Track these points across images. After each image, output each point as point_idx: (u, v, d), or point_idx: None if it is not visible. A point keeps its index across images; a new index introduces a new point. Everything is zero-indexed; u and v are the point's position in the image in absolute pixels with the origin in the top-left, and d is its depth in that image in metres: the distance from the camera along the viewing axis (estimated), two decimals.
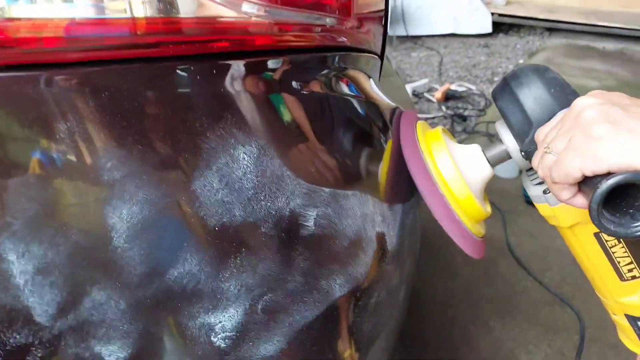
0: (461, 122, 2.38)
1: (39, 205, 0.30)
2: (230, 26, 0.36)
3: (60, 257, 0.31)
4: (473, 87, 2.72)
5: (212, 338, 0.35)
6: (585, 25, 3.65)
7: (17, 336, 0.31)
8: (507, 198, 1.84)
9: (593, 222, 0.36)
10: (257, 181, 0.35)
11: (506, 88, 0.52)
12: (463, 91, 2.66)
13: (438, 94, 2.58)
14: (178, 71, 0.34)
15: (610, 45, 3.65)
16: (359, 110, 0.48)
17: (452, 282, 1.48)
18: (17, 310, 0.31)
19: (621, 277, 0.52)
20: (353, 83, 0.49)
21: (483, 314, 1.36)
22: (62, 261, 0.31)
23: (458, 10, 3.86)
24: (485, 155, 0.56)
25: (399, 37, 3.77)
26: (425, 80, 2.79)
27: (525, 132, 0.50)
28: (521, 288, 1.45)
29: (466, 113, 2.47)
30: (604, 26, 3.60)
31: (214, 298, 0.35)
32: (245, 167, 0.34)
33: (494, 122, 0.72)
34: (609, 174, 0.36)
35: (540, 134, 0.45)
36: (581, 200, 0.41)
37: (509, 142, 0.53)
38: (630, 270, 0.51)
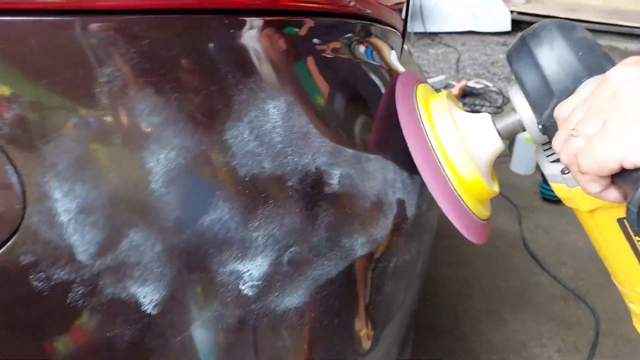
0: None
1: (82, 146, 0.32)
2: None
3: (101, 198, 0.33)
4: (490, 85, 2.71)
5: (240, 285, 0.37)
6: (607, 24, 3.61)
7: (61, 272, 0.33)
8: (524, 194, 1.83)
9: (631, 228, 0.33)
10: (285, 136, 0.37)
11: (524, 48, 0.45)
12: (480, 88, 2.65)
13: (455, 91, 2.58)
14: (212, 24, 0.36)
15: (633, 45, 3.60)
16: (381, 77, 0.50)
17: (466, 273, 1.48)
18: (61, 247, 0.33)
19: None
20: (376, 52, 0.50)
21: (497, 306, 1.36)
22: (103, 202, 0.33)
23: (476, 8, 3.84)
24: (495, 126, 0.49)
25: (416, 33, 3.76)
26: (442, 77, 2.78)
27: (544, 103, 0.44)
28: (535, 282, 1.45)
29: (483, 110, 2.46)
30: (626, 26, 3.55)
31: (243, 247, 0.36)
32: (274, 121, 0.36)
33: None
34: None
35: (564, 110, 0.38)
36: (614, 194, 0.35)
37: (524, 112, 0.46)
38: None
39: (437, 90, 0.57)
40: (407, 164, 0.47)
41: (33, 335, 0.35)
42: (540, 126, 0.45)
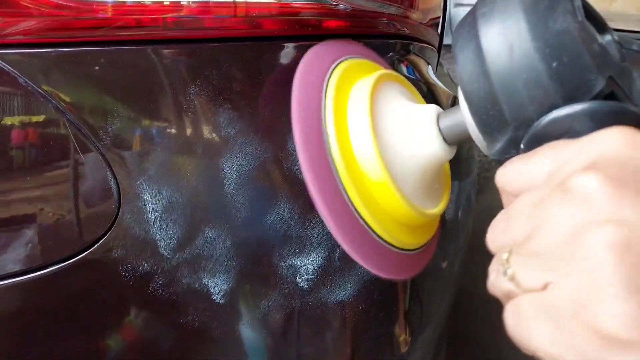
0: None
1: (168, 155, 0.37)
2: (309, 9, 0.42)
3: (183, 199, 0.38)
4: None
5: (296, 278, 0.42)
6: None
7: (145, 264, 0.38)
8: None
9: None
10: None
11: (471, 29, 0.29)
12: None
13: None
14: (275, 48, 0.41)
15: None
16: (420, 91, 0.54)
17: None
18: (147, 242, 0.38)
19: None
20: (414, 67, 0.54)
21: None
22: (184, 202, 0.38)
23: None
24: (438, 124, 0.36)
25: (445, 45, 3.78)
26: None
27: (494, 127, 0.29)
28: None
29: None
30: None
31: (300, 243, 0.41)
32: None
33: None
34: None
35: (506, 183, 0.26)
36: None
37: (470, 123, 0.32)
38: None
39: None
40: None
41: (116, 318, 0.40)
42: (490, 155, 0.31)
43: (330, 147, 0.34)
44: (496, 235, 0.25)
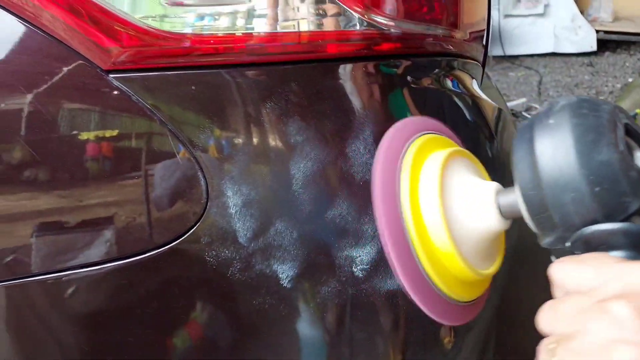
0: None
1: (248, 158, 0.45)
2: (362, 34, 0.49)
3: (259, 195, 0.45)
4: None
5: (352, 268, 0.48)
6: None
7: (227, 251, 0.46)
8: None
9: None
10: None
11: (526, 142, 0.35)
12: None
13: None
14: (335, 68, 0.48)
15: None
16: (464, 104, 0.59)
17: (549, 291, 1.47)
18: (228, 232, 0.45)
19: None
20: (458, 82, 0.60)
21: None
22: (259, 199, 0.45)
23: (559, 29, 3.75)
24: (497, 200, 0.41)
25: (495, 57, 3.76)
26: (523, 100, 2.77)
27: (545, 224, 0.35)
28: None
29: None
30: None
31: (356, 237, 0.47)
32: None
33: None
34: None
35: (560, 278, 0.33)
36: None
37: (523, 208, 0.37)
38: None
39: (519, 113, 0.52)
40: None
41: (202, 299, 0.48)
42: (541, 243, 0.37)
43: (405, 218, 0.41)
44: (545, 322, 0.32)
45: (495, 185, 0.42)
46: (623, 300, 0.28)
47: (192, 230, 0.45)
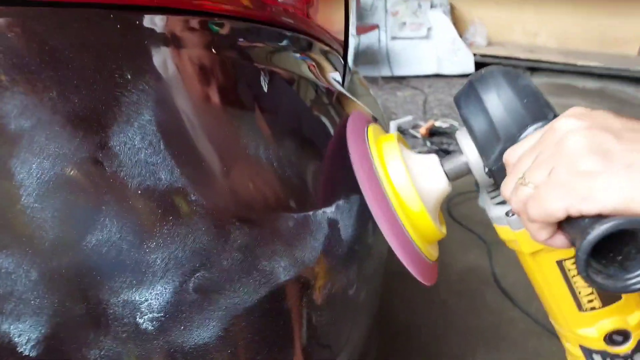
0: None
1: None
2: None
3: None
4: (456, 124, 2.75)
5: (137, 319, 0.32)
6: (565, 64, 3.77)
7: None
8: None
9: (579, 274, 0.31)
10: (187, 142, 0.33)
11: (472, 93, 0.46)
12: (447, 127, 2.69)
13: (422, 130, 2.61)
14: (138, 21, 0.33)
15: (589, 83, 3.75)
16: (308, 91, 0.47)
17: (438, 312, 1.43)
18: None
19: (580, 307, 0.49)
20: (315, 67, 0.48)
21: (473, 346, 1.31)
22: None
23: (441, 51, 3.98)
24: (442, 167, 0.50)
25: (384, 77, 3.85)
26: (410, 117, 2.82)
27: (491, 147, 0.45)
28: (508, 318, 1.40)
29: (450, 148, 2.49)
30: (582, 65, 3.71)
31: (138, 272, 0.32)
32: (172, 125, 0.32)
33: None
34: (598, 216, 0.31)
35: (511, 156, 0.40)
36: (561, 240, 0.36)
37: (471, 155, 0.48)
38: (590, 301, 0.48)
39: (406, 130, 0.60)
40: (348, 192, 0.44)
41: None
42: (486, 169, 0.46)
43: (384, 186, 0.47)
44: (513, 158, 0.40)
45: (434, 155, 0.50)
46: (563, 117, 0.36)
47: None
